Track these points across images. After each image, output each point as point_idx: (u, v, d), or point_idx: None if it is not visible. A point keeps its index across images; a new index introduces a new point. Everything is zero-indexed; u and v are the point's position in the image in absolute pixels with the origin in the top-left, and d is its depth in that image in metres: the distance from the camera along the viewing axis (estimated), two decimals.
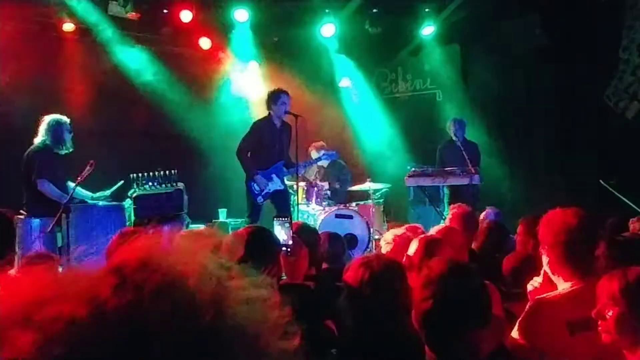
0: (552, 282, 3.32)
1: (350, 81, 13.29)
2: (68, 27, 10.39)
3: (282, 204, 9.18)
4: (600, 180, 9.02)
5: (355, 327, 2.93)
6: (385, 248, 4.97)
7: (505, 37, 11.55)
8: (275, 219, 4.15)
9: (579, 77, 11.20)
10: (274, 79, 12.00)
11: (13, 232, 4.32)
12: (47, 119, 7.94)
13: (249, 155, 9.07)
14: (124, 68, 11.11)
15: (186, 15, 10.86)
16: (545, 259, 3.29)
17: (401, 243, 4.95)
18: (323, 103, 12.88)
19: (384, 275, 2.93)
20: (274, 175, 9.11)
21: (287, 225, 4.02)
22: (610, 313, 2.70)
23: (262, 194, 9.01)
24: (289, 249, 3.90)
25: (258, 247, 3.64)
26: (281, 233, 4.00)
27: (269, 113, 9.20)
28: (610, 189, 8.81)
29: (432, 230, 5.11)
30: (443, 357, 2.48)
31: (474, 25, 12.02)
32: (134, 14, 10.59)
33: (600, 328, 2.74)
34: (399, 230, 5.13)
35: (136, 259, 0.87)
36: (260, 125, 9.24)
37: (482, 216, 7.84)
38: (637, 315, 2.66)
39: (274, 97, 9.11)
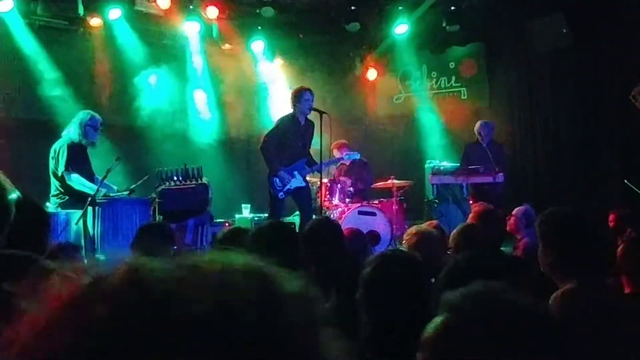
0: None
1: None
2: (95, 22, 10.48)
3: (303, 200, 9.28)
4: (625, 181, 8.97)
5: (371, 324, 2.94)
6: (407, 242, 5.00)
7: (531, 36, 11.48)
8: None
9: (604, 76, 11.12)
10: (298, 75, 12.06)
11: (50, 226, 4.39)
12: (79, 113, 8.11)
13: (272, 151, 9.14)
14: (149, 62, 11.22)
15: (212, 11, 10.98)
16: (549, 257, 3.20)
17: (422, 237, 4.98)
18: (347, 99, 12.91)
19: (401, 272, 2.94)
20: (296, 172, 9.18)
21: None
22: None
23: (284, 190, 9.07)
24: None
25: (279, 242, 3.70)
26: None
27: (294, 110, 9.29)
28: (635, 189, 8.75)
29: (455, 230, 5.11)
30: None
31: (499, 24, 11.98)
32: (160, 8, 10.65)
33: None
34: (422, 226, 5.16)
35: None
36: (285, 122, 9.33)
37: (514, 213, 7.73)
38: None
39: (298, 95, 9.20)
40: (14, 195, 2.56)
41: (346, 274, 3.80)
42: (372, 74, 13.29)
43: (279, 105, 12.03)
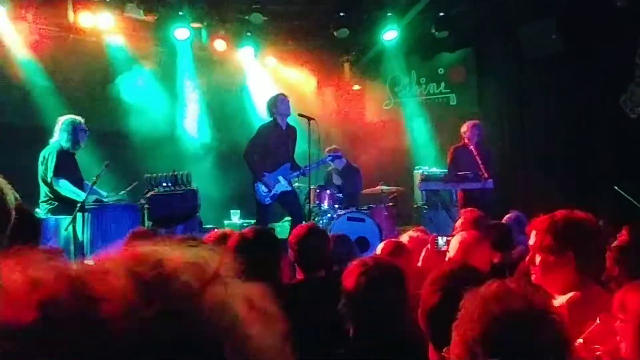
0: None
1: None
2: (85, 28, 10.48)
3: (290, 204, 9.35)
4: (615, 187, 8.99)
5: (355, 332, 2.93)
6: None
7: (520, 42, 11.53)
8: None
9: (594, 82, 11.17)
10: (287, 81, 12.09)
11: (40, 233, 4.37)
12: (62, 119, 8.07)
13: (255, 157, 9.20)
14: (138, 68, 11.21)
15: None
16: (546, 261, 3.12)
17: (416, 244, 5.01)
18: (336, 105, 12.94)
19: (382, 281, 2.93)
20: (280, 177, 9.22)
21: None
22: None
23: (270, 195, 9.12)
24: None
25: (262, 248, 3.73)
26: None
27: (274, 117, 9.36)
28: (625, 195, 8.78)
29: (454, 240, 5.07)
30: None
31: (489, 30, 12.03)
32: (150, 16, 10.65)
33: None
34: (414, 233, 5.18)
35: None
36: (266, 129, 9.41)
37: (504, 220, 7.75)
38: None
39: (273, 102, 9.35)
40: (13, 198, 2.57)
41: (331, 280, 3.81)
42: (356, 87, 13.39)
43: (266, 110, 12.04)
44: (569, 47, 11.09)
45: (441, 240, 5.25)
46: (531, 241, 3.22)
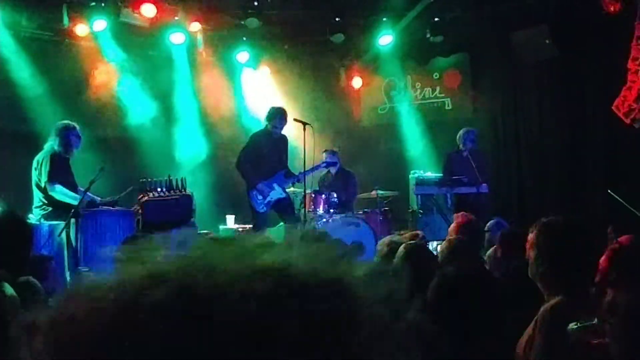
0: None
1: None
2: (80, 33, 10.47)
3: (285, 212, 9.35)
4: (609, 191, 9.01)
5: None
6: (381, 252, 5.02)
7: (515, 47, 11.55)
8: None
9: (587, 87, 11.20)
10: (283, 87, 12.09)
11: (31, 239, 4.36)
12: (57, 124, 8.08)
13: (248, 166, 9.20)
14: (133, 73, 11.20)
15: (195, 26, 11.05)
16: (540, 267, 3.19)
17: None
18: (332, 110, 12.93)
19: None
20: (275, 185, 9.24)
21: None
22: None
23: (265, 202, 9.12)
24: None
25: None
26: None
27: (266, 126, 9.38)
28: (619, 199, 8.79)
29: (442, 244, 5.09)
30: None
31: (483, 35, 12.06)
32: (145, 20, 10.62)
33: None
34: (396, 237, 5.17)
35: None
36: (259, 137, 9.44)
37: (487, 226, 7.76)
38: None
39: (275, 115, 9.34)
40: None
41: None
42: (357, 82, 13.34)
43: (263, 115, 12.04)
44: (563, 52, 11.11)
45: (431, 246, 5.28)
46: None
